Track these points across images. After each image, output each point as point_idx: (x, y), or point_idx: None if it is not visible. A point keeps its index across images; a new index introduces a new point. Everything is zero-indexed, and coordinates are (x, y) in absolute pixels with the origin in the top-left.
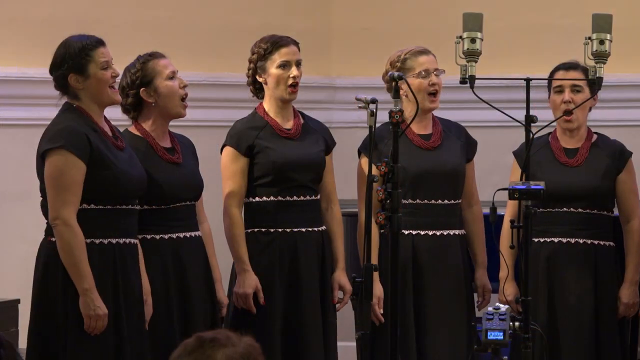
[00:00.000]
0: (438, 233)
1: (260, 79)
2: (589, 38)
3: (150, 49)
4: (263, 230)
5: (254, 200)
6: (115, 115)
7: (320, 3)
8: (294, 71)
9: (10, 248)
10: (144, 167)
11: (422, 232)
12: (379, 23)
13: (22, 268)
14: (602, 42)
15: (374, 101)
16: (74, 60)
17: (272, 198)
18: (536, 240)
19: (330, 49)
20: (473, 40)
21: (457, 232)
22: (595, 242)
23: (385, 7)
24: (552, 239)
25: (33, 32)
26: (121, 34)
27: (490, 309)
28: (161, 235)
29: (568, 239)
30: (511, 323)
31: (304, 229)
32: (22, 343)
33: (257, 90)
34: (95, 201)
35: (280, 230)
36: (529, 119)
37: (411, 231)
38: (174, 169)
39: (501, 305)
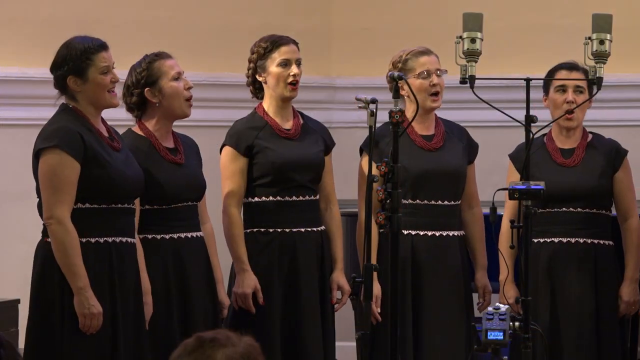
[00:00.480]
0: (437, 234)
1: (260, 78)
2: (589, 38)
3: (150, 49)
4: (262, 230)
5: (253, 200)
6: (118, 115)
7: (320, 3)
8: (294, 69)
9: (10, 248)
10: (146, 166)
11: (422, 233)
12: (379, 23)
13: (22, 268)
14: (602, 42)
15: (374, 101)
16: (74, 63)
17: (271, 198)
18: (536, 240)
19: (330, 49)
20: (473, 40)
21: (456, 233)
22: (595, 241)
23: (385, 7)
24: (552, 239)
25: (33, 32)
26: (121, 34)
27: (490, 309)
28: (162, 236)
29: (568, 239)
30: (511, 323)
31: (303, 229)
32: (22, 343)
33: (257, 90)
34: (90, 200)
35: (279, 230)
36: (529, 119)
37: (410, 231)
38: (175, 169)
39: (501, 305)
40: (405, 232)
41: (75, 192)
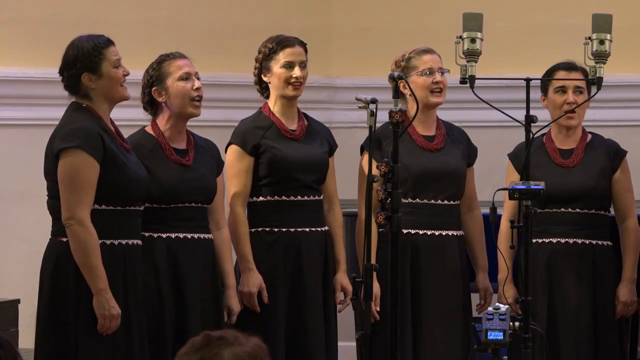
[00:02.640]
0: (437, 233)
1: (265, 79)
2: (589, 38)
3: (150, 48)
4: (267, 229)
5: (258, 200)
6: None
7: (320, 3)
8: (296, 72)
9: (10, 248)
10: (149, 164)
11: (422, 232)
12: (379, 23)
13: (22, 268)
14: (602, 42)
15: (374, 101)
16: (87, 60)
17: (276, 198)
18: (534, 241)
19: (330, 49)
20: (473, 40)
21: (455, 232)
22: (594, 242)
23: (385, 7)
24: (551, 239)
25: (33, 32)
26: (121, 34)
27: (490, 309)
28: (159, 234)
29: (567, 240)
30: (511, 323)
31: (307, 229)
32: (22, 343)
33: (264, 89)
34: (106, 202)
35: (284, 229)
36: (529, 119)
37: (410, 230)
38: (179, 169)
39: (501, 305)
40: (405, 231)
41: (94, 193)
